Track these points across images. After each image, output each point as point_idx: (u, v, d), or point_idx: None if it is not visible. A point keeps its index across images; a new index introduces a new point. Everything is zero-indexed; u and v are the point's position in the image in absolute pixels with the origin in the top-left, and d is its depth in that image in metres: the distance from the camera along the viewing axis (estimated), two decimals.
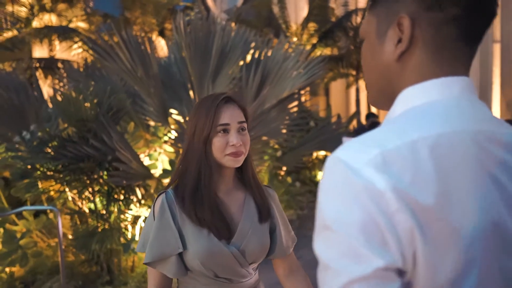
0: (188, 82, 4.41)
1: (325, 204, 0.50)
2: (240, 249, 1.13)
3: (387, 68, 0.61)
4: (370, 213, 0.47)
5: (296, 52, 4.56)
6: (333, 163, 0.51)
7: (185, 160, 1.16)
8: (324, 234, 0.50)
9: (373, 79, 0.64)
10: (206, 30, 4.22)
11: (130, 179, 3.32)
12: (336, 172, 0.50)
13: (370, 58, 0.64)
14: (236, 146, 1.12)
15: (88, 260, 3.49)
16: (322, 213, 0.50)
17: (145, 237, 1.16)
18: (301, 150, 5.66)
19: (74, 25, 10.15)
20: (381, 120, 13.36)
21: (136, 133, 4.22)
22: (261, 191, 1.22)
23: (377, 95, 0.66)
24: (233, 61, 4.33)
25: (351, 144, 0.52)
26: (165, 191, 1.17)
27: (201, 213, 1.10)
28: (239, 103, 1.19)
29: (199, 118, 1.14)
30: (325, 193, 0.51)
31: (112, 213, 3.38)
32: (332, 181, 0.50)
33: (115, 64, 4.01)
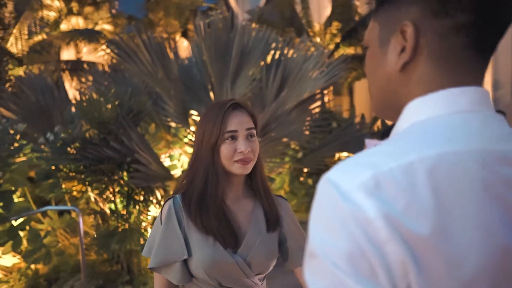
0: (208, 84, 4.42)
1: (313, 230, 0.46)
2: (247, 260, 1.10)
3: (391, 79, 0.56)
4: (358, 242, 0.42)
5: (317, 53, 4.50)
6: (323, 184, 0.47)
7: (193, 168, 1.15)
8: (312, 263, 0.46)
9: (377, 90, 0.60)
10: (227, 31, 4.22)
11: (150, 180, 3.35)
12: (325, 194, 0.46)
13: (373, 68, 0.60)
14: (244, 153, 1.10)
15: (109, 259, 3.55)
16: (310, 238, 0.47)
17: (151, 242, 1.16)
18: (323, 151, 5.59)
19: (100, 27, 10.40)
20: None
21: (157, 134, 4.26)
22: (270, 198, 1.19)
23: (381, 106, 0.61)
24: (253, 62, 4.31)
25: (345, 164, 0.48)
26: (173, 196, 1.16)
27: (207, 221, 1.09)
28: (247, 109, 1.16)
29: (207, 125, 1.12)
30: (313, 217, 0.47)
31: (132, 214, 3.42)
32: (321, 204, 0.46)
33: (137, 66, 4.07)
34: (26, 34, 8.80)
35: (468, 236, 0.43)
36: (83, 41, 9.09)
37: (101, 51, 7.96)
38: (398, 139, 0.51)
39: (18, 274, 3.53)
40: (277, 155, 4.72)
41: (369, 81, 0.62)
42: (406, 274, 0.42)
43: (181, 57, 4.94)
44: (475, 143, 0.47)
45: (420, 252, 0.42)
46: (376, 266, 0.42)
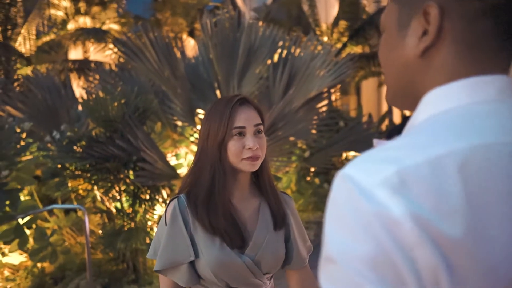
0: (215, 82, 4.40)
1: (330, 232, 0.42)
2: (255, 260, 1.07)
3: (409, 65, 0.52)
4: (383, 246, 0.38)
5: (324, 51, 4.45)
6: (340, 181, 0.43)
7: (198, 166, 1.11)
8: (328, 268, 0.42)
9: (392, 77, 0.56)
10: (233, 29, 4.19)
11: (156, 179, 3.33)
12: (343, 192, 0.42)
13: (390, 53, 0.55)
14: (253, 149, 1.06)
15: (114, 258, 3.54)
16: (326, 241, 0.42)
17: (156, 244, 1.13)
18: (330, 150, 5.54)
19: (107, 27, 10.44)
20: None
21: (163, 133, 4.25)
22: (276, 197, 1.16)
23: (396, 94, 0.57)
24: (260, 60, 4.28)
25: (364, 158, 0.44)
26: (178, 196, 1.12)
27: (215, 221, 1.05)
28: (254, 104, 1.13)
29: (213, 122, 1.09)
30: (330, 218, 0.43)
31: (137, 213, 3.41)
32: (339, 203, 0.42)
33: (143, 64, 4.05)
34: (34, 33, 8.86)
35: (505, 238, 0.39)
36: (90, 40, 9.13)
37: (108, 50, 7.99)
38: (418, 131, 0.47)
39: (25, 272, 3.53)
40: (284, 154, 4.68)
41: (384, 68, 0.57)
42: (438, 282, 0.38)
43: (188, 56, 4.94)
44: (508, 135, 0.42)
45: (453, 257, 0.38)
46: (403, 273, 0.38)
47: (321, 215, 5.64)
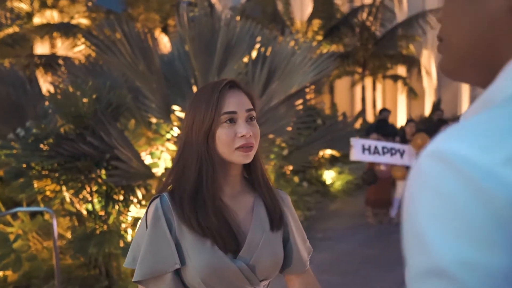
0: (191, 77, 4.24)
1: (436, 235, 0.31)
2: (250, 264, 0.94)
3: (493, 23, 0.41)
4: None
5: (305, 47, 4.37)
6: (441, 163, 0.32)
7: (182, 160, 0.97)
8: (436, 284, 0.31)
9: (465, 39, 0.44)
10: (211, 24, 4.04)
11: (130, 178, 3.14)
12: (450, 177, 0.31)
13: (463, 6, 0.44)
14: (246, 137, 0.93)
15: (86, 263, 3.33)
16: (429, 249, 0.31)
17: (135, 250, 0.97)
18: (309, 148, 5.48)
19: (76, 21, 10.00)
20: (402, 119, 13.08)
21: (137, 131, 4.04)
22: (271, 193, 1.04)
23: (465, 62, 0.46)
24: (239, 55, 4.15)
25: (463, 133, 0.32)
26: (160, 195, 0.98)
27: (205, 221, 0.92)
28: (245, 89, 0.99)
29: (198, 108, 0.95)
30: (432, 217, 0.32)
31: (110, 215, 3.21)
32: (448, 195, 0.31)
33: (116, 58, 3.84)
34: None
35: None
36: (58, 35, 8.72)
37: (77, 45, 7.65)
38: None
39: None
40: (263, 152, 4.57)
41: (452, 26, 0.46)
42: None
43: (163, 52, 4.74)
44: None
45: None
46: None
47: (301, 214, 5.57)
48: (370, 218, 5.89)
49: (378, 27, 13.79)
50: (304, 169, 7.27)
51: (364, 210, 6.16)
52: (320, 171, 8.08)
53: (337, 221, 6.05)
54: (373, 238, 5.17)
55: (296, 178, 6.38)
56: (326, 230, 5.44)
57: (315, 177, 7.85)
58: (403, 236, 0.40)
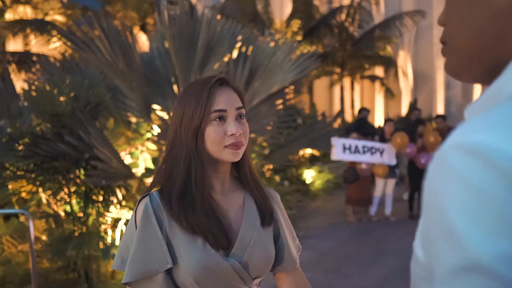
0: (172, 76, 4.18)
1: (466, 229, 0.30)
2: (242, 262, 0.93)
3: (499, 18, 0.42)
4: None
5: (286, 46, 4.38)
6: (469, 156, 0.31)
7: (171, 157, 0.96)
8: (473, 280, 0.30)
9: (471, 35, 0.45)
10: (192, 22, 4.00)
11: (110, 179, 3.07)
12: (481, 169, 0.30)
13: (467, 6, 0.44)
14: (236, 135, 0.92)
15: (64, 266, 3.23)
16: (460, 244, 0.31)
17: (124, 251, 0.95)
18: (290, 148, 5.50)
19: (51, 18, 9.71)
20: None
21: (116, 130, 3.96)
22: (261, 189, 1.04)
23: (471, 58, 0.46)
24: (220, 54, 4.13)
25: (488, 125, 0.32)
26: (149, 193, 0.96)
27: (193, 219, 0.90)
28: (235, 86, 0.98)
29: (188, 105, 0.93)
30: (461, 209, 0.31)
31: (90, 216, 3.13)
32: (477, 186, 0.30)
33: (95, 56, 3.75)
34: None
35: None
36: (32, 32, 8.44)
37: (53, 42, 7.43)
38: None
39: None
40: None
41: (457, 26, 0.46)
42: None
43: (142, 51, 4.66)
44: None
45: None
46: None
47: None
48: (350, 216, 5.96)
49: (356, 28, 13.99)
50: (285, 168, 7.30)
51: (344, 208, 6.23)
52: (300, 170, 8.13)
53: (318, 220, 6.10)
54: (354, 236, 5.24)
55: (277, 177, 6.40)
56: (307, 228, 5.47)
57: (296, 176, 7.89)
58: (424, 232, 0.39)
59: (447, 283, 0.32)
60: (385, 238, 5.13)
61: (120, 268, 0.94)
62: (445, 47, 0.50)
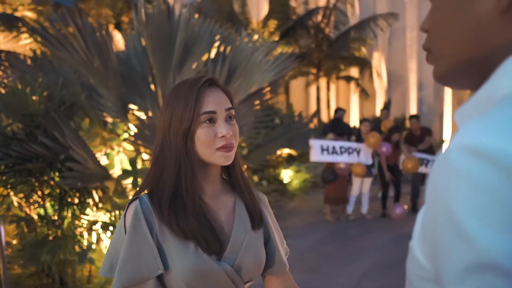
0: (149, 75, 4.11)
1: (477, 229, 0.31)
2: (234, 266, 0.92)
3: (485, 25, 0.43)
4: None
5: (265, 46, 4.38)
6: (476, 157, 0.32)
7: (160, 160, 0.93)
8: (485, 278, 0.30)
9: (454, 43, 0.46)
10: (169, 21, 3.94)
11: (86, 180, 2.98)
12: (489, 170, 0.31)
13: (455, 13, 0.45)
14: (227, 137, 0.91)
15: (37, 272, 3.12)
16: (472, 243, 0.31)
17: (112, 257, 0.92)
18: (268, 148, 5.51)
19: (21, 14, 9.36)
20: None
21: (91, 130, 3.86)
22: (251, 193, 1.02)
23: (458, 65, 0.47)
24: (199, 53, 4.08)
25: (492, 127, 0.33)
26: (138, 197, 0.93)
27: (184, 223, 0.88)
28: (223, 87, 0.96)
29: (176, 107, 0.91)
30: (470, 209, 0.32)
31: (65, 219, 3.03)
32: (485, 187, 0.31)
33: (69, 54, 3.63)
34: None
35: None
36: (0, 28, 8.11)
37: (23, 38, 7.16)
38: None
39: None
40: None
41: (442, 33, 0.47)
42: None
43: (117, 49, 4.56)
44: None
45: None
46: None
47: None
48: (328, 215, 6.03)
49: (332, 29, 14.17)
50: (263, 168, 7.31)
51: (322, 208, 6.30)
52: (278, 170, 8.16)
53: (296, 219, 6.14)
54: (332, 234, 5.30)
55: (255, 177, 6.40)
56: (286, 228, 5.49)
57: (273, 176, 7.92)
58: (428, 233, 0.39)
59: (460, 282, 0.32)
60: (362, 236, 5.21)
61: (108, 275, 0.91)
62: (431, 54, 0.51)
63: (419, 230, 0.42)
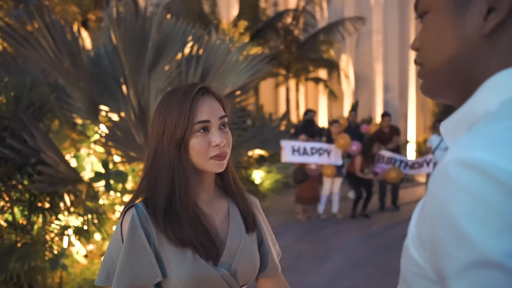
0: (121, 76, 4.03)
1: (476, 232, 0.36)
2: (231, 270, 0.93)
3: (470, 47, 0.48)
4: None
5: (239, 47, 4.40)
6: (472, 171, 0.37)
7: (154, 169, 0.93)
8: (484, 273, 0.35)
9: (443, 61, 0.51)
10: (142, 21, 3.88)
11: (58, 184, 2.90)
12: (484, 182, 0.37)
13: (441, 34, 0.50)
14: (221, 146, 0.92)
15: (5, 280, 2.98)
16: (471, 244, 0.36)
17: (108, 266, 0.91)
18: (240, 149, 5.52)
19: None
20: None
21: (61, 132, 3.74)
22: (243, 196, 1.04)
23: (444, 81, 0.52)
24: (172, 54, 4.04)
25: (485, 143, 0.38)
26: (133, 204, 0.93)
27: (180, 231, 0.89)
28: (216, 94, 0.97)
29: (169, 115, 0.91)
30: (469, 216, 0.37)
31: (35, 224, 2.92)
32: (481, 196, 0.37)
33: (36, 53, 3.50)
34: None
35: None
36: None
37: None
38: None
39: None
40: None
41: (431, 52, 0.52)
42: None
43: (87, 48, 4.43)
44: None
45: None
46: None
47: None
48: (300, 214, 6.12)
49: (301, 31, 14.37)
50: (235, 169, 7.30)
51: (293, 207, 6.38)
52: (249, 170, 8.19)
53: (269, 219, 6.06)
54: (304, 234, 5.38)
55: None
56: None
57: (245, 177, 7.94)
58: (425, 237, 0.44)
59: (462, 278, 0.36)
60: (333, 235, 5.33)
61: (105, 284, 0.90)
62: (422, 70, 0.55)
63: (415, 233, 0.47)
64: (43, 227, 2.92)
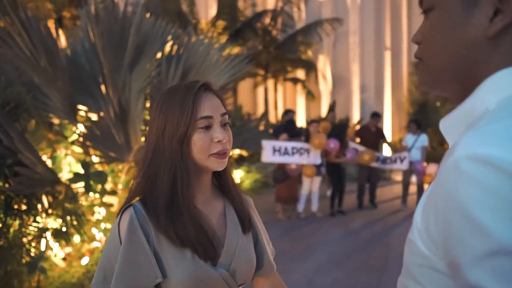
0: (99, 75, 3.96)
1: (492, 222, 0.38)
2: (230, 270, 0.94)
3: (474, 46, 0.49)
4: None
5: (219, 47, 4.40)
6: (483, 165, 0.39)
7: (152, 167, 0.93)
8: (501, 260, 0.37)
9: (447, 58, 0.52)
10: (121, 20, 3.82)
11: (35, 185, 2.82)
12: (496, 175, 0.39)
13: (447, 33, 0.51)
14: (223, 142, 0.92)
15: None
16: (487, 234, 0.38)
17: (106, 267, 0.90)
18: None
19: None
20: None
21: (38, 133, 3.64)
22: (240, 197, 1.05)
23: (445, 77, 0.54)
24: (151, 53, 4.00)
25: (494, 139, 0.40)
26: (131, 204, 0.92)
27: (182, 230, 0.89)
28: (217, 92, 0.98)
29: (171, 112, 0.91)
30: (483, 207, 0.39)
31: (11, 227, 2.84)
32: (494, 189, 0.38)
33: (11, 50, 3.40)
34: None
35: None
36: None
37: None
38: None
39: None
40: None
41: (436, 49, 0.54)
42: None
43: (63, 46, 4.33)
44: None
45: None
46: None
47: None
48: (280, 214, 6.16)
49: (279, 32, 14.47)
50: None
51: (273, 207, 6.42)
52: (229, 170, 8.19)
53: None
54: (285, 232, 5.43)
55: None
56: None
57: None
58: (433, 229, 0.45)
59: (479, 266, 0.38)
60: (313, 233, 5.40)
61: (102, 286, 0.89)
62: (422, 63, 0.57)
63: (421, 227, 0.48)
64: (20, 230, 2.84)
